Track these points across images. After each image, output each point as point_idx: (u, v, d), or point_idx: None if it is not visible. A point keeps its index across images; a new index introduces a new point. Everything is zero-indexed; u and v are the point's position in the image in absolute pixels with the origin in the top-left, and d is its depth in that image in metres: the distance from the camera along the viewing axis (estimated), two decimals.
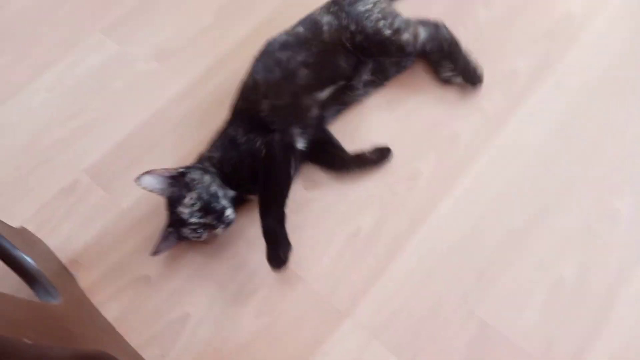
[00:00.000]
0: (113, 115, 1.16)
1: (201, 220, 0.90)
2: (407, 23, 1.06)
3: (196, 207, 0.90)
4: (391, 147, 1.05)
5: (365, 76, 1.08)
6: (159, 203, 0.96)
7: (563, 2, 1.20)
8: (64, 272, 0.92)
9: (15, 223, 1.01)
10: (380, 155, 1.04)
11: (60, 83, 1.21)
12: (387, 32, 1.04)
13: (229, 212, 0.92)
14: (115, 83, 1.19)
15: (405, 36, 1.04)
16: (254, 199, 0.96)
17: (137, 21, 1.29)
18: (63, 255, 0.99)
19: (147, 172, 0.90)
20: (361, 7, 1.05)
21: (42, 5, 1.35)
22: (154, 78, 1.19)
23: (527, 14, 1.19)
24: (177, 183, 0.92)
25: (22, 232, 0.89)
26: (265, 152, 0.95)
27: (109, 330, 0.86)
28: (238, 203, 0.97)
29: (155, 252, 0.93)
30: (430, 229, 0.97)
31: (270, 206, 0.92)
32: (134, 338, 0.91)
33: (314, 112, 1.02)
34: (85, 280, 0.97)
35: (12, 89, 1.21)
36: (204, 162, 0.98)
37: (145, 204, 1.03)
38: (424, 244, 0.96)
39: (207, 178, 0.93)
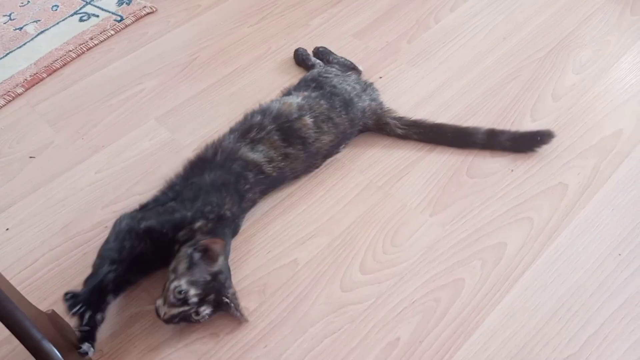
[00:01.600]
0: None
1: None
2: None
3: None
4: (433, 252, 1.01)
5: None
6: None
7: (612, 118, 1.20)
8: None
9: (45, 304, 1.00)
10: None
11: (110, 165, 1.25)
12: None
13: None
14: (162, 169, 1.22)
15: None
16: None
17: (190, 112, 1.35)
18: None
19: None
20: None
21: (104, 89, 1.43)
22: None
23: (575, 128, 1.19)
24: None
25: (51, 317, 0.86)
26: None
27: None
28: None
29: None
30: (475, 345, 0.90)
31: None
32: None
33: None
34: None
35: (64, 167, 1.25)
36: None
37: None
38: None
39: None
